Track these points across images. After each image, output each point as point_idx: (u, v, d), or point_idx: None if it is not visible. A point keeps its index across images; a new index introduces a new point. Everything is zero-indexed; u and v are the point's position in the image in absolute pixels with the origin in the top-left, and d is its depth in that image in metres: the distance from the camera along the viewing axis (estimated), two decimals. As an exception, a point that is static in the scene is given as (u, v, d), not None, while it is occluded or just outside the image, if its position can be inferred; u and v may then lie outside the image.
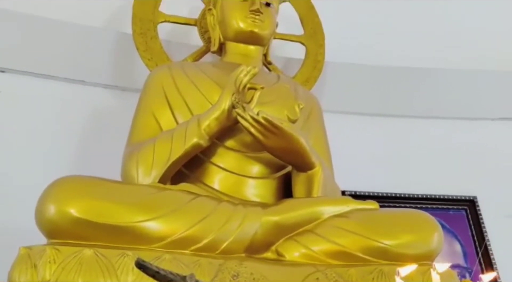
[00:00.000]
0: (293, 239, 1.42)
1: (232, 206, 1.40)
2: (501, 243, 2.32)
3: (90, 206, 1.23)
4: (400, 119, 2.53)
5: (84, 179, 1.32)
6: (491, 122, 2.63)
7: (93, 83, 2.27)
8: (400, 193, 2.42)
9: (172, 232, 1.27)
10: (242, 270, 1.22)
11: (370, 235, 1.43)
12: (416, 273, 1.38)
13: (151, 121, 1.72)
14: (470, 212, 2.44)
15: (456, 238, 2.37)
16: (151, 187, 1.41)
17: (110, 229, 1.22)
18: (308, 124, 1.90)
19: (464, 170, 2.47)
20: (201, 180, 1.66)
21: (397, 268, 1.02)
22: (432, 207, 2.43)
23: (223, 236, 1.32)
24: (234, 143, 1.71)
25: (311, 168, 1.63)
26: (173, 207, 1.31)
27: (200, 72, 1.83)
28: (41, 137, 2.11)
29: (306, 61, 2.34)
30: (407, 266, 0.92)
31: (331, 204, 1.51)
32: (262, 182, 1.72)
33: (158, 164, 1.52)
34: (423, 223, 1.52)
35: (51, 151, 2.08)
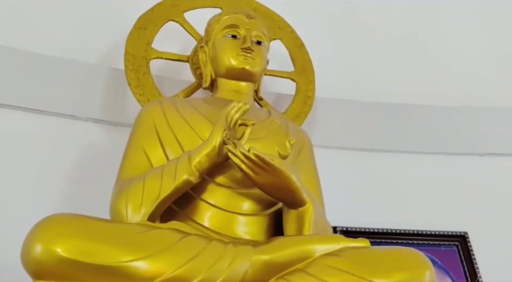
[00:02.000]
0: (284, 278, 1.39)
1: (222, 245, 1.38)
2: (493, 278, 2.31)
3: (77, 245, 1.21)
4: (390, 155, 2.55)
5: (71, 218, 1.30)
6: (480, 158, 2.66)
7: (84, 118, 2.27)
8: (392, 229, 2.41)
9: (161, 271, 1.24)
10: (232, 311, 1.19)
11: (362, 273, 1.41)
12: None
13: (142, 157, 1.71)
14: (462, 247, 2.43)
15: (448, 274, 2.36)
16: (140, 225, 1.39)
17: (98, 269, 1.20)
18: (299, 160, 1.91)
19: (455, 205, 2.48)
20: (190, 217, 1.65)
21: None
22: (424, 243, 2.42)
23: (213, 275, 1.30)
24: (225, 179, 1.70)
25: (302, 205, 1.62)
26: (162, 246, 1.29)
27: (191, 108, 1.84)
28: (31, 172, 2.09)
29: (296, 97, 2.37)
30: None
31: (322, 242, 1.49)
32: (253, 219, 1.71)
33: (147, 201, 1.51)
34: (415, 261, 1.50)
35: (41, 186, 2.05)
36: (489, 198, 2.54)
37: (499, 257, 2.37)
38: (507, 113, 2.69)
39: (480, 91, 2.69)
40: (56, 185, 2.08)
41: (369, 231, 2.37)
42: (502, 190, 2.58)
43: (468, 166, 2.62)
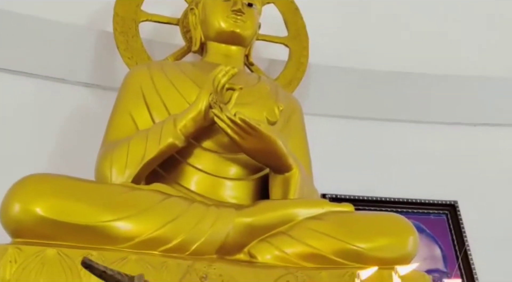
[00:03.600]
0: (266, 241, 1.40)
1: (204, 207, 1.39)
2: (481, 248, 2.33)
3: (56, 205, 1.21)
4: (382, 123, 2.53)
5: (51, 177, 1.29)
6: (473, 128, 2.64)
7: (73, 81, 2.24)
8: (381, 197, 2.42)
9: (141, 232, 1.25)
10: (211, 272, 1.20)
11: (344, 237, 1.42)
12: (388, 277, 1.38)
13: (128, 121, 1.70)
14: (451, 216, 2.45)
15: (436, 242, 2.37)
16: (121, 186, 1.39)
17: (77, 228, 1.20)
18: (288, 126, 1.90)
19: (446, 175, 2.48)
20: (177, 181, 1.64)
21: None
22: (413, 211, 2.43)
23: (193, 237, 1.30)
24: (211, 144, 1.69)
25: (288, 170, 1.62)
26: (143, 206, 1.29)
27: (179, 72, 1.82)
28: (20, 135, 2.08)
29: (289, 63, 2.33)
30: (369, 269, 0.90)
31: (306, 206, 1.50)
32: (239, 184, 1.71)
33: (132, 163, 1.51)
34: (399, 227, 1.51)
35: (30, 149, 2.05)
36: (481, 168, 2.54)
37: (488, 227, 2.38)
38: (503, 84, 2.65)
39: (476, 60, 2.65)
40: (45, 148, 2.07)
41: (358, 199, 2.37)
42: (494, 160, 2.57)
43: (462, 136, 2.60)
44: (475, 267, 2.30)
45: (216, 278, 1.20)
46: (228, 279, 1.21)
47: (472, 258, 2.32)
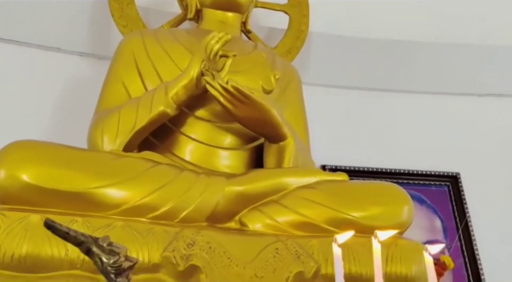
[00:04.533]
0: (258, 209, 1.39)
1: (194, 174, 1.37)
2: (482, 219, 2.30)
3: (42, 172, 1.20)
4: (383, 94, 2.48)
5: (37, 144, 1.28)
6: (479, 98, 2.58)
7: (68, 51, 2.21)
8: (383, 168, 2.38)
9: (128, 199, 1.23)
10: (198, 239, 1.19)
11: (337, 206, 1.40)
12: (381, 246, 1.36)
13: (120, 89, 1.67)
14: (453, 188, 2.41)
15: (436, 213, 2.35)
16: (109, 154, 1.37)
17: (63, 196, 1.19)
18: (285, 96, 1.86)
19: (449, 146, 2.44)
20: (170, 151, 1.63)
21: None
22: (414, 183, 2.40)
23: (182, 204, 1.29)
24: (205, 113, 1.66)
25: (282, 140, 1.59)
26: (131, 174, 1.27)
27: (173, 39, 1.78)
28: (14, 105, 2.06)
29: (288, 31, 2.28)
30: (345, 233, 0.88)
31: (298, 175, 1.48)
32: (234, 153, 1.68)
33: (122, 132, 1.49)
34: (393, 196, 1.49)
35: (24, 118, 2.04)
36: (485, 139, 2.49)
37: (490, 199, 2.34)
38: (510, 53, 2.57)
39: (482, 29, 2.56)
40: (40, 118, 2.06)
41: (359, 170, 2.34)
42: (499, 132, 2.52)
43: (466, 106, 2.54)
44: (475, 238, 2.27)
45: (203, 245, 1.18)
46: (216, 246, 1.19)
47: (473, 230, 2.29)
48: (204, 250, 1.17)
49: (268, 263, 1.21)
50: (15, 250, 1.08)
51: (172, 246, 1.15)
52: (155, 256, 1.15)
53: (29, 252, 1.09)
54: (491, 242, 2.23)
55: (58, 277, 1.09)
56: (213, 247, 1.19)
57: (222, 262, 1.18)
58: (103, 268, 0.67)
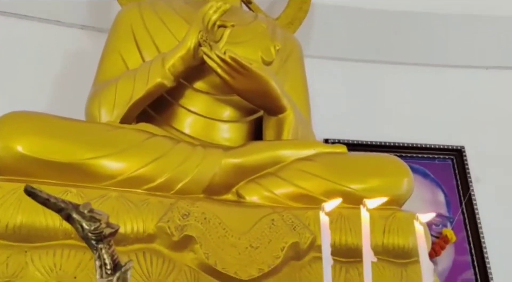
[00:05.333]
0: (255, 181, 1.38)
1: (190, 146, 1.36)
2: (486, 193, 2.28)
3: (37, 143, 1.19)
4: (388, 66, 2.44)
5: (33, 115, 1.27)
6: (485, 71, 2.53)
7: (68, 23, 2.19)
8: (385, 142, 2.36)
9: (123, 170, 1.23)
10: (193, 210, 1.19)
11: (335, 178, 1.39)
12: (379, 218, 1.36)
13: (118, 61, 1.65)
14: (457, 161, 2.39)
15: (440, 187, 2.33)
16: (105, 125, 1.37)
17: (59, 166, 1.18)
18: (285, 68, 1.83)
19: (453, 119, 2.41)
20: (169, 124, 1.62)
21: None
22: (418, 156, 2.38)
23: (179, 176, 1.28)
24: (203, 85, 1.65)
25: (281, 112, 1.57)
26: (126, 145, 1.26)
27: (170, 10, 1.75)
28: (14, 78, 2.06)
29: (291, 1, 2.23)
30: (332, 200, 0.87)
31: (297, 147, 1.46)
32: (233, 126, 1.67)
33: (120, 104, 1.48)
34: (393, 168, 1.47)
35: (25, 91, 2.03)
36: (491, 113, 2.45)
37: (494, 172, 2.32)
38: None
39: None
40: (41, 90, 2.06)
41: (362, 144, 2.32)
42: (505, 105, 2.48)
43: (473, 79, 2.50)
44: (478, 212, 2.26)
45: (198, 216, 1.18)
46: (211, 217, 1.19)
47: (476, 204, 2.28)
48: (199, 221, 1.17)
49: (263, 234, 1.21)
50: (9, 220, 1.09)
51: (167, 217, 1.15)
52: (150, 226, 1.15)
53: (23, 222, 1.09)
54: (494, 216, 2.22)
55: (53, 247, 1.09)
56: (208, 218, 1.19)
57: (217, 232, 1.18)
58: (84, 234, 0.67)
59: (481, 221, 2.24)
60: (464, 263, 2.18)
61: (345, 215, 1.31)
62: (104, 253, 0.65)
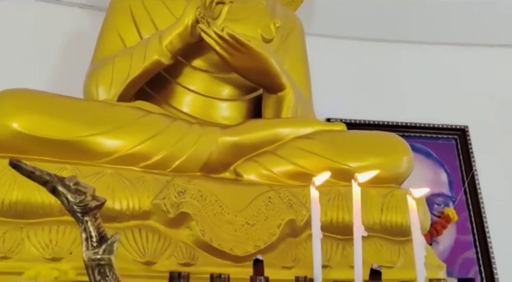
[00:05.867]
0: (253, 159, 1.37)
1: (187, 124, 1.35)
2: (488, 172, 2.27)
3: (32, 120, 1.18)
4: (391, 45, 2.41)
5: (28, 92, 1.26)
6: (489, 48, 2.49)
7: (68, 2, 2.17)
8: (389, 121, 2.35)
9: (119, 147, 1.22)
10: (189, 187, 1.18)
11: (333, 156, 1.38)
12: (377, 196, 1.35)
13: (116, 39, 1.64)
14: (460, 141, 2.37)
15: (442, 167, 2.32)
16: (101, 103, 1.36)
17: (53, 144, 1.18)
18: (286, 46, 1.81)
19: (457, 99, 2.38)
20: (168, 102, 1.61)
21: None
22: (421, 136, 2.36)
23: (175, 154, 1.27)
24: (202, 63, 1.63)
25: (281, 90, 1.56)
26: (122, 122, 1.25)
27: (168, -13, 1.72)
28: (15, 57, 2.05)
29: (292, -21, 2.19)
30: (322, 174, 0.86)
31: (295, 125, 1.45)
32: (232, 105, 1.66)
33: (117, 82, 1.47)
34: (392, 146, 1.46)
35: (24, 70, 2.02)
36: (495, 92, 2.42)
37: (497, 153, 2.30)
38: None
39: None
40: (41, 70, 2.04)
41: (365, 123, 2.31)
42: (509, 84, 2.44)
43: (477, 58, 2.46)
44: (481, 191, 2.25)
45: (194, 194, 1.18)
46: (207, 195, 1.19)
47: (479, 183, 2.27)
48: (195, 198, 1.17)
49: (260, 211, 1.21)
50: (5, 196, 1.09)
51: (162, 194, 1.15)
52: (146, 203, 1.15)
53: (19, 199, 1.09)
54: (498, 195, 2.21)
55: (49, 223, 1.10)
56: (205, 195, 1.19)
57: (214, 210, 1.18)
58: (69, 207, 0.67)
59: (483, 201, 2.23)
60: (466, 242, 2.17)
61: (343, 193, 1.30)
62: (90, 225, 0.65)
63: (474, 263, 2.13)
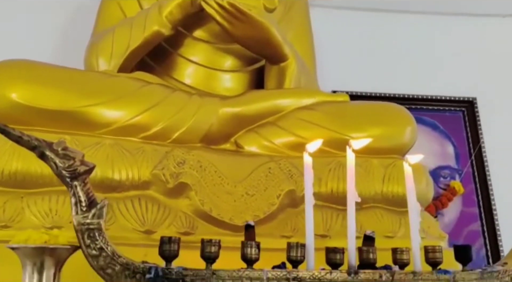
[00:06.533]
0: (254, 131, 1.36)
1: (187, 95, 1.34)
2: (496, 146, 2.24)
3: (31, 91, 1.18)
4: (398, 15, 2.35)
5: (27, 63, 1.25)
6: (502, 19, 2.43)
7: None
8: (395, 93, 2.31)
9: (118, 118, 1.22)
10: (188, 158, 1.18)
11: (336, 127, 1.36)
12: (379, 166, 1.34)
13: (116, 11, 1.62)
14: (468, 113, 2.34)
15: (449, 139, 2.29)
16: (100, 73, 1.35)
17: (52, 115, 1.17)
18: (289, 16, 1.77)
19: (465, 70, 2.34)
20: (169, 74, 1.59)
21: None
22: (428, 108, 2.33)
23: (175, 125, 1.27)
24: (203, 33, 1.61)
25: (283, 60, 1.54)
26: (121, 93, 1.25)
27: (169, -44, 1.68)
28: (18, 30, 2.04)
29: None
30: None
31: (297, 96, 1.43)
32: (234, 76, 1.64)
33: (117, 53, 1.45)
34: (395, 116, 1.44)
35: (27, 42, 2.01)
36: (505, 64, 2.37)
37: (505, 124, 2.27)
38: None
39: None
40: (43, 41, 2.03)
41: (371, 95, 2.28)
42: (521, 55, 2.39)
43: (488, 28, 2.41)
44: (488, 164, 2.23)
45: (194, 164, 1.18)
46: (207, 165, 1.19)
47: (486, 156, 2.24)
48: (194, 168, 1.17)
49: (260, 182, 1.21)
50: (4, 166, 1.10)
51: (162, 164, 1.15)
52: (145, 173, 1.15)
53: (19, 169, 1.10)
54: (505, 167, 2.18)
55: (48, 193, 1.10)
56: (204, 166, 1.18)
57: (213, 180, 1.17)
58: (58, 172, 0.67)
59: (490, 173, 2.21)
60: (472, 215, 2.17)
61: (344, 164, 1.28)
62: (79, 190, 0.65)
63: (479, 236, 2.13)
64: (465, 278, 0.76)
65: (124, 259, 0.66)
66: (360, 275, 0.76)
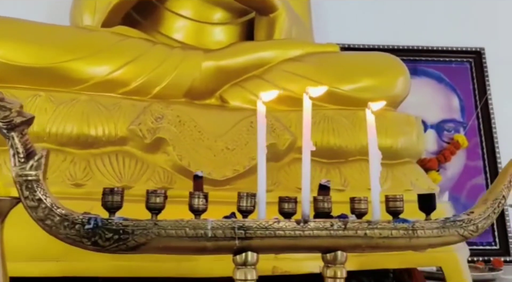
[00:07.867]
0: (239, 85, 1.33)
1: (168, 48, 1.30)
2: (503, 97, 2.17)
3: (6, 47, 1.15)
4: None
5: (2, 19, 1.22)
6: (512, -38, 2.29)
7: None
8: (399, 45, 2.23)
9: (96, 73, 1.19)
10: (167, 113, 1.16)
11: (324, 79, 1.31)
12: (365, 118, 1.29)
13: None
14: (475, 64, 2.25)
15: (455, 92, 2.22)
16: (79, 29, 1.32)
17: (28, 71, 1.15)
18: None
19: (473, 19, 2.24)
20: (157, 29, 1.56)
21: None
22: (433, 60, 2.25)
23: (155, 79, 1.24)
24: (190, -15, 1.55)
25: (273, 11, 1.48)
26: (98, 47, 1.21)
27: None
28: None
29: None
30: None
31: (283, 47, 1.38)
32: (224, 29, 1.60)
33: (100, 8, 1.42)
34: (387, 66, 1.39)
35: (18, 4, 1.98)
36: (514, 12, 2.26)
37: (513, 76, 2.19)
38: None
39: None
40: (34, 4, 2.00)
41: (374, 48, 2.20)
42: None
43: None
44: (494, 117, 2.16)
45: (172, 119, 1.15)
46: (186, 120, 1.16)
47: (492, 108, 2.17)
48: (173, 123, 1.15)
49: (240, 136, 1.18)
50: None
51: (139, 120, 1.13)
52: (122, 129, 1.13)
53: None
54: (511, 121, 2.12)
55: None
56: (183, 120, 1.16)
57: (192, 135, 1.15)
58: (-6, 123, 0.66)
59: (496, 126, 2.15)
60: (476, 168, 2.12)
61: (329, 116, 1.26)
62: (17, 142, 0.64)
63: (483, 189, 2.09)
64: (425, 226, 0.74)
65: (63, 210, 0.65)
66: (310, 224, 0.74)
